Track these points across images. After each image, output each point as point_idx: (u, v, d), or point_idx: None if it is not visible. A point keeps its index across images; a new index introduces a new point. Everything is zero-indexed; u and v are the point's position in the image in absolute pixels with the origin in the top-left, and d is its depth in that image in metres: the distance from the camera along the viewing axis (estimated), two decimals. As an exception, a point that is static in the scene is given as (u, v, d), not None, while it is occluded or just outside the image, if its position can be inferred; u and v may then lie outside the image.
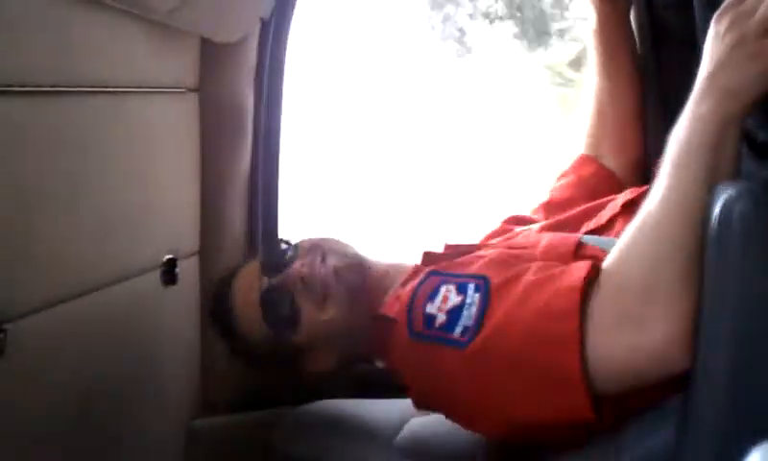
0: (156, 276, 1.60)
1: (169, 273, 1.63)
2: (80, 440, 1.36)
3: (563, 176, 1.68)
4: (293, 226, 1.85)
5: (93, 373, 1.38)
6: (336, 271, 1.38)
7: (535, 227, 1.48)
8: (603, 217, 1.41)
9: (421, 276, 1.24)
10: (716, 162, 0.99)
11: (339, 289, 1.37)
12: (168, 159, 1.64)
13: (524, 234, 1.43)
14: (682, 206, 0.99)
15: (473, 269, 1.19)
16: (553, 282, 1.08)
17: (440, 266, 1.25)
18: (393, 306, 1.26)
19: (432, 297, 1.18)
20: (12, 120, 1.17)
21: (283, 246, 1.49)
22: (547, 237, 1.29)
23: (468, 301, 1.13)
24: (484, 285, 1.13)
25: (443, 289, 1.17)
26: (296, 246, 1.47)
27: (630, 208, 1.38)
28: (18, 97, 1.18)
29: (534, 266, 1.14)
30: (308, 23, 2.02)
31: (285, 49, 1.84)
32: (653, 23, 1.62)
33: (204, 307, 1.77)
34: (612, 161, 1.65)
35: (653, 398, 1.06)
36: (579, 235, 1.30)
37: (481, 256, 1.23)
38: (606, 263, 1.06)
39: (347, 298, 1.38)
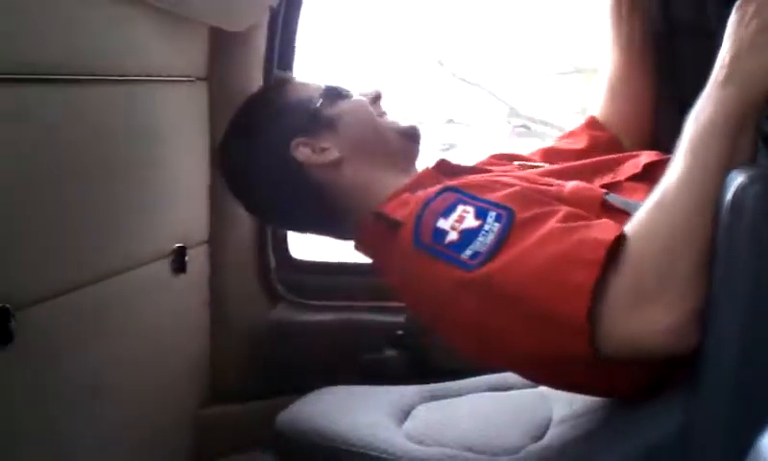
0: (165, 264, 1.60)
1: (178, 261, 1.63)
2: (89, 427, 1.37)
3: (572, 133, 1.62)
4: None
5: (102, 360, 1.38)
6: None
7: (539, 168, 1.41)
8: (621, 174, 1.35)
9: (437, 188, 1.20)
10: (736, 145, 0.99)
11: (400, 122, 1.43)
12: (177, 148, 1.65)
13: (533, 172, 1.37)
14: (700, 186, 0.98)
15: (497, 197, 1.14)
16: (580, 232, 1.05)
17: (459, 183, 1.21)
18: (398, 210, 1.23)
19: (446, 213, 1.14)
20: (20, 107, 1.18)
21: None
22: (572, 183, 1.24)
23: (486, 228, 1.09)
24: (507, 217, 1.09)
25: (459, 208, 1.14)
26: None
27: (650, 172, 1.33)
28: (27, 84, 1.18)
29: (562, 211, 1.10)
30: (317, 11, 2.01)
31: (295, 37, 1.84)
32: (666, 8, 1.62)
33: (213, 296, 1.77)
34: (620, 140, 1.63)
35: (666, 374, 1.05)
36: (603, 190, 1.25)
37: (505, 184, 1.19)
38: (629, 232, 1.03)
39: (400, 129, 1.43)
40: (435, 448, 1.31)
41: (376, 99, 1.46)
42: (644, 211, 1.03)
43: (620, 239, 1.02)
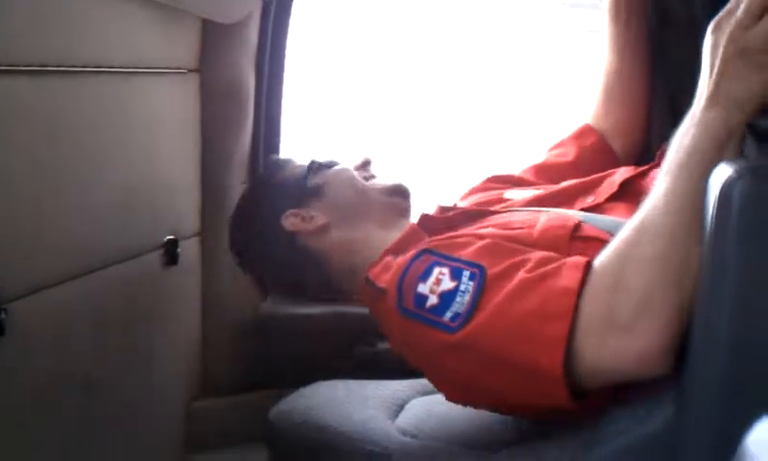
0: (156, 256, 1.60)
1: (170, 253, 1.63)
2: (80, 421, 1.36)
3: (562, 143, 1.66)
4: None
5: (94, 353, 1.38)
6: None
7: (526, 193, 1.47)
8: (601, 195, 1.40)
9: (414, 252, 1.24)
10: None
11: (386, 183, 1.49)
12: (169, 140, 1.64)
13: (517, 203, 1.43)
14: (681, 210, 0.99)
15: (468, 254, 1.19)
16: (547, 282, 1.08)
17: (433, 243, 1.25)
18: (383, 276, 1.27)
19: (424, 277, 1.18)
20: (12, 99, 1.17)
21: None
22: (545, 217, 1.28)
23: (462, 288, 1.14)
24: (479, 275, 1.14)
25: (435, 271, 1.18)
26: None
27: (627, 189, 1.38)
28: (20, 76, 1.18)
29: (532, 260, 1.14)
30: (309, 3, 2.01)
31: (287, 29, 1.84)
32: (659, 7, 1.62)
33: (205, 288, 1.77)
34: (613, 141, 1.64)
35: (646, 388, 1.06)
36: (577, 215, 1.29)
37: (477, 236, 1.23)
38: (600, 260, 1.06)
39: (386, 189, 1.48)
40: (428, 442, 1.32)
41: (365, 164, 1.52)
42: (623, 236, 1.05)
43: (587, 272, 1.05)
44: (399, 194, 1.49)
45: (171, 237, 1.63)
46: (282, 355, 1.81)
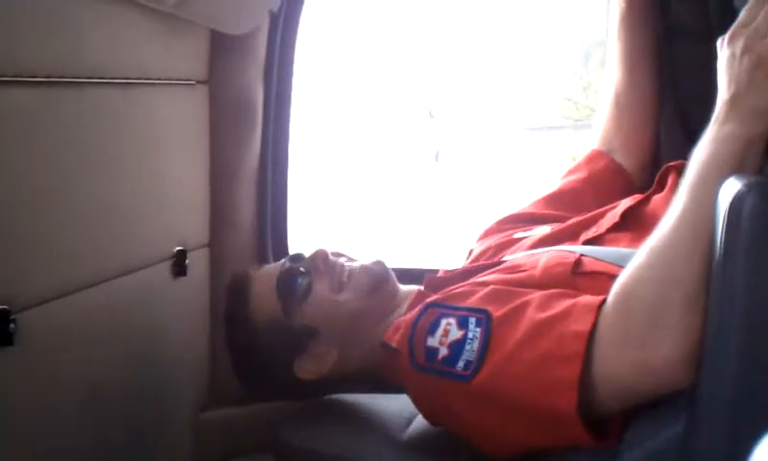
0: (165, 267, 1.60)
1: (179, 265, 1.63)
2: (89, 430, 1.36)
3: (574, 170, 1.66)
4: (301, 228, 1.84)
5: (102, 364, 1.38)
6: (364, 265, 1.46)
7: (534, 232, 1.47)
8: (603, 226, 1.40)
9: (420, 307, 1.26)
10: None
11: (362, 279, 1.43)
12: (178, 151, 1.65)
13: (523, 245, 1.43)
14: (697, 227, 0.99)
15: (473, 301, 1.20)
16: (558, 325, 1.09)
17: (438, 297, 1.26)
18: (394, 335, 1.29)
19: (432, 330, 1.20)
20: (21, 110, 1.17)
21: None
22: (545, 257, 1.29)
23: (470, 335, 1.15)
24: (486, 320, 1.15)
25: (443, 322, 1.19)
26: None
27: (630, 218, 1.39)
28: (28, 88, 1.18)
29: (536, 299, 1.14)
30: (318, 16, 2.02)
31: (295, 41, 1.84)
32: (667, 18, 1.61)
33: (213, 299, 1.77)
34: (623, 158, 1.63)
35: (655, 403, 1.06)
36: (577, 250, 1.30)
37: (480, 285, 1.24)
38: (613, 291, 1.06)
39: (365, 289, 1.43)
40: (435, 456, 1.32)
41: (335, 255, 1.48)
42: (637, 260, 1.05)
43: (600, 310, 1.06)
44: (378, 284, 1.44)
45: (180, 248, 1.63)
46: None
